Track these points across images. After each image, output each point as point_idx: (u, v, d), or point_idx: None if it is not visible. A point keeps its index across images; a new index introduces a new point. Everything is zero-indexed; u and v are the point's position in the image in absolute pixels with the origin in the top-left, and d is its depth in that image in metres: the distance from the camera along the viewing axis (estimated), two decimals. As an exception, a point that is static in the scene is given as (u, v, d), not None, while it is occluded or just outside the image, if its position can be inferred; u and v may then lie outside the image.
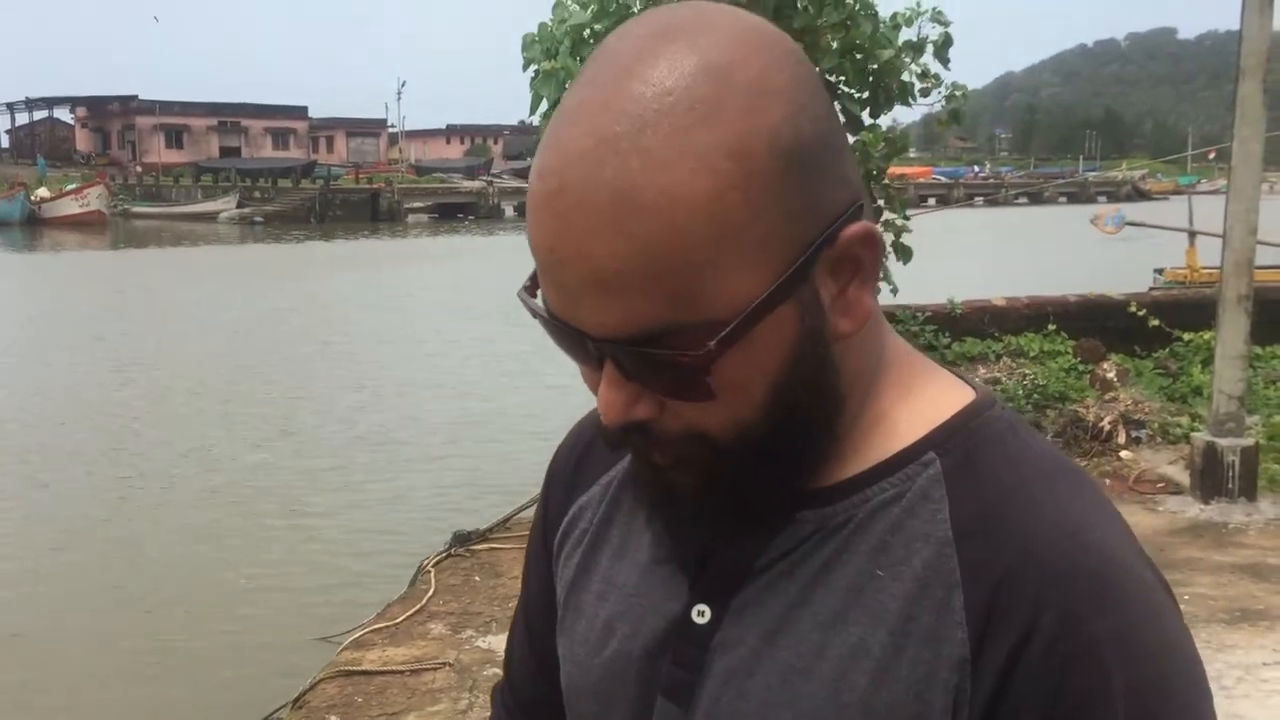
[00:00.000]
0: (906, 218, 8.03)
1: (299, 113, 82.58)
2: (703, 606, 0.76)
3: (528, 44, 7.50)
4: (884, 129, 7.84)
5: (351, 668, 4.32)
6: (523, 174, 63.12)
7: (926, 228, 8.81)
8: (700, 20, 0.67)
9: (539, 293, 0.70)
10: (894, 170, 8.78)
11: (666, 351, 0.66)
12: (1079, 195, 67.20)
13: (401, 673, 4.24)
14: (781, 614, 0.73)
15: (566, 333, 0.68)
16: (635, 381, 0.68)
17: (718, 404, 0.68)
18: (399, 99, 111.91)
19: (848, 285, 0.69)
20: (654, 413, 0.69)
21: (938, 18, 7.58)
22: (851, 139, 7.64)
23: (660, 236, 0.63)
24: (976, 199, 61.86)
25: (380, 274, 26.74)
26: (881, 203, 7.94)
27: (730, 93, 0.64)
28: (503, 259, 27.14)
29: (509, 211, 57.63)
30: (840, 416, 0.73)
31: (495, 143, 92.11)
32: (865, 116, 7.66)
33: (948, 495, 0.70)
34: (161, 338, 16.58)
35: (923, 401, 0.75)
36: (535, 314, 0.71)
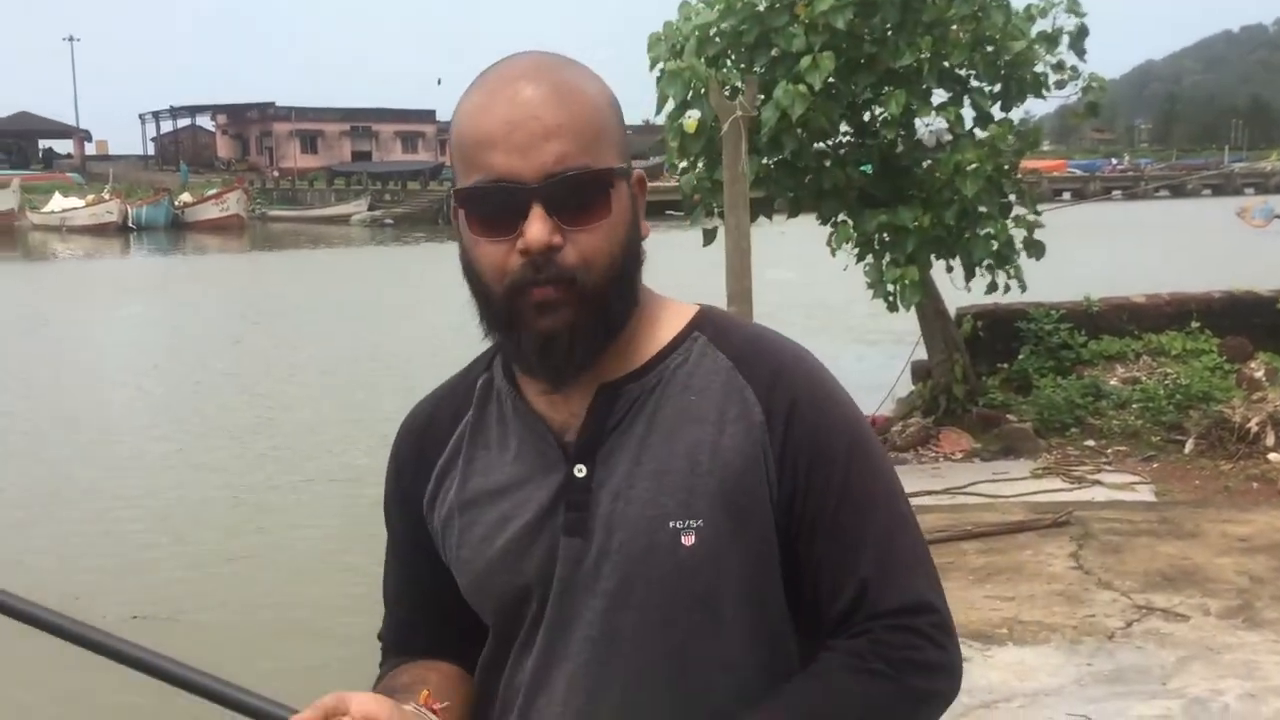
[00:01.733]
0: (1038, 213, 7.83)
1: (427, 117, 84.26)
2: (580, 465, 1.11)
3: (653, 43, 7.54)
4: (1015, 122, 7.66)
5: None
6: (647, 173, 63.19)
7: (1061, 223, 8.57)
8: (553, 53, 1.14)
9: (470, 185, 1.07)
10: (1026, 164, 8.57)
11: (591, 169, 1.06)
12: (1224, 187, 64.30)
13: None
14: (637, 446, 1.11)
15: (507, 191, 1.05)
16: (554, 216, 1.05)
17: (604, 230, 1.07)
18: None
19: (640, 206, 1.15)
20: (562, 241, 1.05)
21: (1072, 8, 7.38)
22: (980, 133, 7.48)
23: (584, 110, 1.08)
24: (1114, 192, 59.74)
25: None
26: (1013, 198, 7.75)
27: (589, 71, 1.14)
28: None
29: (632, 210, 57.87)
30: (635, 301, 1.14)
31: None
32: (996, 110, 7.49)
33: (718, 348, 1.15)
34: (295, 340, 17.13)
35: (672, 311, 1.19)
36: (471, 198, 1.07)
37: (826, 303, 15.41)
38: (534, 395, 1.15)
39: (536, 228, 1.03)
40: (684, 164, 7.72)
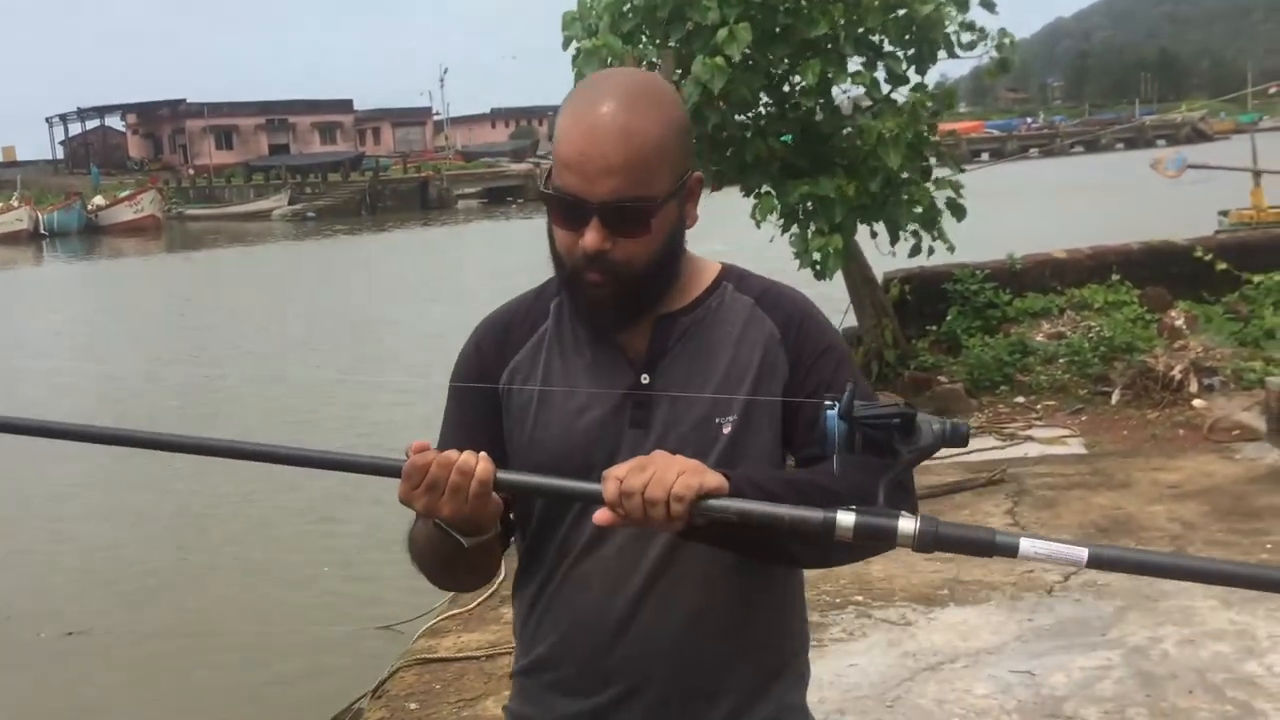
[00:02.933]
0: (962, 170, 7.89)
1: (344, 106, 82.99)
2: (645, 375, 1.51)
3: (568, 22, 7.45)
4: (929, 85, 7.70)
5: (428, 655, 4.35)
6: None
7: (981, 184, 8.66)
8: (641, 70, 2.19)
9: (551, 187, 1.44)
10: (944, 126, 8.62)
11: (638, 204, 1.42)
12: (1137, 141, 65.70)
13: (477, 658, 4.26)
14: (689, 363, 1.52)
15: (575, 204, 1.42)
16: (607, 228, 1.41)
17: (644, 242, 1.44)
18: (442, 86, 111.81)
19: (690, 202, 1.52)
20: (610, 247, 1.42)
21: (981, -33, 7.40)
22: (901, 98, 7.50)
23: (644, 150, 1.41)
24: (1031, 151, 60.75)
25: (440, 263, 26.85)
26: (932, 160, 7.80)
27: (669, 93, 1.51)
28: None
29: (557, 192, 57.49)
30: (680, 269, 1.54)
31: (540, 124, 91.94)
32: (912, 74, 7.52)
33: (741, 291, 1.57)
34: (233, 338, 16.82)
35: (704, 265, 1.60)
36: (554, 197, 1.44)
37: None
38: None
39: (591, 236, 1.41)
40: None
